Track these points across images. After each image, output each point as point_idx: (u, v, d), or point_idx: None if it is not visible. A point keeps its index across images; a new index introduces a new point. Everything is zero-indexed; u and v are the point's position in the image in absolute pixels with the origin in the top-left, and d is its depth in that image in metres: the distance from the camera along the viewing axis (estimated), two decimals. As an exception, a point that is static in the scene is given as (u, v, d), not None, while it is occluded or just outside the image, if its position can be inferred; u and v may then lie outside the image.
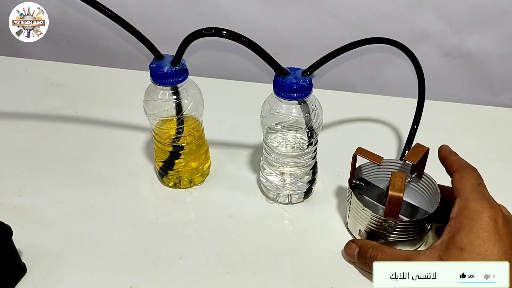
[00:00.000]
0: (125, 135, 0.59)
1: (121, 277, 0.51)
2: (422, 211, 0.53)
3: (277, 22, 0.79)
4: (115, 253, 0.53)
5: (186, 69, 0.53)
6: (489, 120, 0.74)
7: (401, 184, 0.49)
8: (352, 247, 0.50)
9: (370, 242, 0.49)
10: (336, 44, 0.51)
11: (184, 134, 0.58)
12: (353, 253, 0.50)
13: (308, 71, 0.50)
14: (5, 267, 0.49)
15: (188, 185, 0.61)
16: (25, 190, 0.60)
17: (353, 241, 0.51)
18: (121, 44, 0.86)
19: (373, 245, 0.48)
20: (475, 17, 0.73)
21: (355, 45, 0.51)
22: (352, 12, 0.76)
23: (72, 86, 0.80)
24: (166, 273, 0.51)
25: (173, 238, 0.55)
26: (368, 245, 0.48)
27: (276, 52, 0.51)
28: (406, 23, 0.75)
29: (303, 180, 0.58)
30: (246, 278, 0.51)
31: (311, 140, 0.55)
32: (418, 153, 0.52)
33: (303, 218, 0.58)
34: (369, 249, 0.48)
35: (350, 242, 0.51)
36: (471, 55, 0.77)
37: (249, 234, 0.55)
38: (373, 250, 0.48)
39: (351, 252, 0.50)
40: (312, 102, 0.52)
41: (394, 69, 0.81)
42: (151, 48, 0.52)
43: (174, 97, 0.54)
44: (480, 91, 0.81)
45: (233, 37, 0.47)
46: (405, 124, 0.62)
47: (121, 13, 0.50)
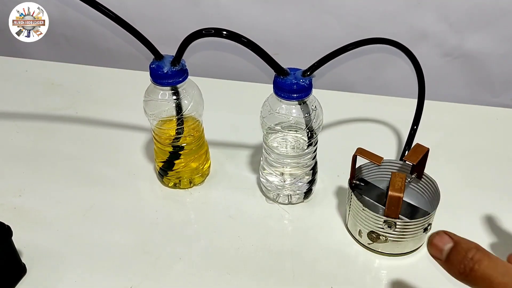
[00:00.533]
0: (125, 135, 0.59)
1: (121, 277, 0.51)
2: (422, 211, 0.53)
3: (277, 22, 0.79)
4: (115, 253, 0.53)
5: (186, 70, 0.53)
6: (489, 120, 0.74)
7: (401, 184, 0.49)
8: (444, 239, 0.37)
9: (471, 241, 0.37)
10: (336, 44, 0.51)
11: (184, 134, 0.58)
12: (442, 246, 0.37)
13: (308, 72, 0.50)
14: (5, 267, 0.49)
15: (188, 186, 0.61)
16: (25, 190, 0.60)
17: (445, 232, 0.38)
18: (121, 44, 0.86)
19: (477, 246, 0.36)
20: (475, 17, 0.73)
21: (355, 46, 0.51)
22: (352, 12, 0.76)
23: (72, 86, 0.80)
24: (166, 273, 0.51)
25: (173, 238, 0.55)
26: (471, 245, 0.36)
27: (276, 52, 0.51)
28: (406, 23, 0.75)
29: (303, 180, 0.58)
30: (246, 278, 0.51)
31: (311, 140, 0.55)
32: (418, 154, 0.52)
33: (303, 218, 0.58)
34: (472, 249, 0.36)
35: (441, 232, 0.38)
36: (471, 55, 0.77)
37: (249, 234, 0.55)
38: (478, 252, 0.36)
39: (440, 245, 0.37)
40: (312, 103, 0.52)
41: (394, 69, 0.81)
42: (151, 48, 0.52)
43: (174, 98, 0.54)
44: (480, 91, 0.81)
45: (233, 37, 0.47)
46: (405, 124, 0.62)
47: (121, 13, 0.50)
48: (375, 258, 0.53)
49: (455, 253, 0.37)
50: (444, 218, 0.53)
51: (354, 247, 0.54)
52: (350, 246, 0.54)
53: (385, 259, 0.53)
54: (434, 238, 0.38)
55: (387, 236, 0.51)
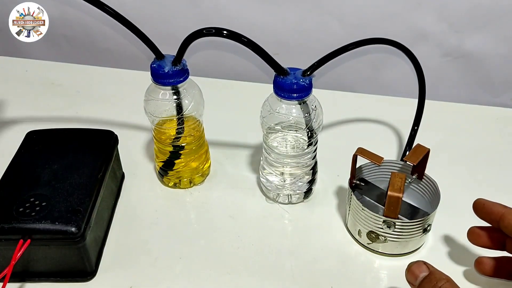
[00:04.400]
0: (125, 135, 0.59)
1: (121, 277, 0.51)
2: (422, 212, 0.53)
3: (277, 22, 0.79)
4: (115, 253, 0.53)
5: (187, 69, 0.53)
6: (489, 120, 0.74)
7: (401, 185, 0.49)
8: (421, 268, 0.43)
9: (444, 274, 0.43)
10: (336, 44, 0.51)
11: (184, 134, 0.58)
12: (419, 274, 0.43)
13: (308, 71, 0.50)
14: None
15: (188, 185, 0.61)
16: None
17: (424, 262, 0.44)
18: (121, 44, 0.86)
19: (448, 278, 0.42)
20: (475, 17, 0.73)
21: (355, 46, 0.51)
22: (352, 12, 0.76)
23: (72, 86, 0.80)
24: (166, 273, 0.51)
25: (173, 238, 0.55)
26: (443, 276, 0.42)
27: (276, 52, 0.51)
28: (406, 23, 0.75)
29: (303, 180, 0.58)
30: (246, 278, 0.51)
31: (311, 140, 0.55)
32: (418, 154, 0.52)
33: (303, 218, 0.58)
34: (443, 279, 0.41)
35: (420, 262, 0.44)
36: (471, 55, 0.77)
37: (249, 234, 0.55)
38: (447, 283, 0.41)
39: (416, 272, 0.43)
40: (312, 102, 0.52)
41: (394, 69, 0.81)
42: (153, 47, 0.52)
43: (175, 97, 0.54)
44: (480, 91, 0.81)
45: (233, 37, 0.48)
46: (405, 124, 0.62)
47: (121, 13, 0.50)
48: (375, 258, 0.53)
49: (427, 281, 0.42)
50: (445, 219, 0.53)
51: (354, 247, 0.54)
52: (350, 246, 0.54)
53: (385, 259, 0.53)
54: (413, 265, 0.44)
55: (386, 236, 0.51)
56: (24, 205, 0.48)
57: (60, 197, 0.49)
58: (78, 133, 0.58)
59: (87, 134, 0.58)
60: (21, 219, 0.47)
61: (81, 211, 0.48)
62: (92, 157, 0.54)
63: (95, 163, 0.54)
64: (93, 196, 0.50)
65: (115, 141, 0.58)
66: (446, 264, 0.52)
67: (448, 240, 0.54)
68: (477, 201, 0.48)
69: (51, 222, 0.46)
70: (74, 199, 0.49)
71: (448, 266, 0.52)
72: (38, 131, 0.58)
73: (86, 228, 0.47)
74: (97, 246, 0.52)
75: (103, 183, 0.53)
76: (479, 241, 0.49)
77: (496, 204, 0.47)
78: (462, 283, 0.50)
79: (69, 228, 0.46)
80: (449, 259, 0.52)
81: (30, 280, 0.50)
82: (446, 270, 0.42)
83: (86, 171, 0.52)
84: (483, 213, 0.47)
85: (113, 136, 0.58)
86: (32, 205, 0.48)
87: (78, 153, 0.54)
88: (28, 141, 0.56)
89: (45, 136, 0.57)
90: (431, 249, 0.54)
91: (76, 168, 0.52)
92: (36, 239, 0.46)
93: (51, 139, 0.57)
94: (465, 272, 0.51)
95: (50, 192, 0.49)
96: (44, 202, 0.48)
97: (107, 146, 0.57)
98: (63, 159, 0.53)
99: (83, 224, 0.47)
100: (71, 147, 0.55)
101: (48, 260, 0.49)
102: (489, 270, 0.48)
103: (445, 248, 0.54)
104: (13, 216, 0.47)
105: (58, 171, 0.52)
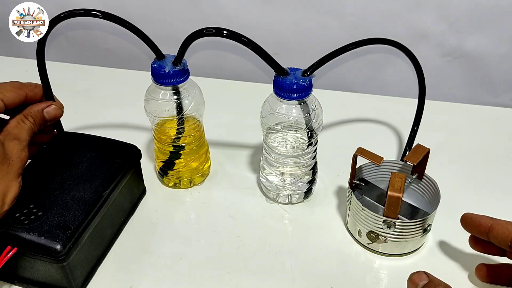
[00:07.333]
0: (125, 135, 0.59)
1: (121, 277, 0.51)
2: (422, 212, 0.53)
3: (277, 22, 0.79)
4: (115, 253, 0.53)
5: (188, 70, 0.53)
6: (489, 120, 0.74)
7: (401, 185, 0.49)
8: (421, 276, 0.45)
9: (443, 281, 0.44)
10: (336, 44, 0.51)
11: (184, 134, 0.58)
12: (419, 282, 0.45)
13: (308, 71, 0.50)
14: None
15: (188, 185, 0.61)
16: (25, 190, 0.60)
17: (425, 272, 0.46)
18: (121, 44, 0.86)
19: (446, 285, 0.44)
20: (475, 17, 0.73)
21: (355, 46, 0.51)
22: (352, 12, 0.76)
23: (72, 86, 0.80)
24: (166, 273, 0.51)
25: (173, 238, 0.55)
26: (441, 282, 0.44)
27: (276, 52, 0.51)
28: (406, 23, 0.75)
29: (303, 180, 0.58)
30: (246, 278, 0.51)
31: (311, 140, 0.55)
32: (418, 154, 0.52)
33: (303, 218, 0.58)
34: (441, 286, 0.44)
35: (421, 271, 0.46)
36: (471, 55, 0.77)
37: (249, 234, 0.55)
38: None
39: (417, 281, 0.45)
40: (312, 102, 0.52)
41: (394, 69, 0.81)
42: (153, 47, 0.52)
43: (175, 97, 0.54)
44: (480, 91, 0.81)
45: (233, 37, 0.48)
46: (405, 124, 0.62)
47: (121, 14, 0.50)
48: (375, 258, 0.53)
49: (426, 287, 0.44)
50: (445, 219, 0.53)
51: (354, 247, 0.54)
52: (350, 246, 0.54)
53: (385, 259, 0.53)
54: (414, 275, 0.45)
55: (386, 236, 0.51)
56: (22, 211, 0.46)
57: (57, 210, 0.47)
58: (100, 142, 0.55)
59: (109, 145, 0.55)
60: (14, 225, 0.45)
61: (71, 229, 0.45)
62: (106, 170, 0.51)
63: (106, 178, 0.51)
64: (90, 214, 0.47)
65: (136, 157, 0.56)
66: (446, 264, 0.52)
67: (448, 240, 0.54)
68: (464, 215, 0.48)
69: (38, 235, 0.44)
70: (70, 214, 0.46)
71: (448, 266, 0.52)
72: (66, 133, 0.56)
73: (72, 247, 0.45)
74: (88, 265, 0.49)
75: (108, 201, 0.50)
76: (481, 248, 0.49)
77: (483, 217, 0.47)
78: (462, 283, 0.50)
79: (53, 246, 0.44)
80: (449, 259, 0.52)
81: (19, 284, 0.49)
82: (446, 270, 0.42)
83: (93, 186, 0.50)
84: (471, 226, 0.48)
85: (135, 151, 0.56)
86: (29, 213, 0.46)
87: (94, 164, 0.52)
88: (53, 142, 0.55)
89: (70, 139, 0.55)
90: (431, 249, 0.54)
91: (85, 180, 0.50)
92: (22, 249, 0.44)
93: (74, 144, 0.55)
94: (465, 273, 0.51)
95: (51, 202, 0.47)
96: (41, 211, 0.46)
97: (125, 161, 0.54)
98: (76, 168, 0.51)
99: (69, 243, 0.44)
100: (88, 156, 0.53)
101: (35, 271, 0.47)
102: (489, 276, 0.49)
103: (445, 248, 0.54)
104: (8, 221, 0.45)
105: (67, 180, 0.50)
